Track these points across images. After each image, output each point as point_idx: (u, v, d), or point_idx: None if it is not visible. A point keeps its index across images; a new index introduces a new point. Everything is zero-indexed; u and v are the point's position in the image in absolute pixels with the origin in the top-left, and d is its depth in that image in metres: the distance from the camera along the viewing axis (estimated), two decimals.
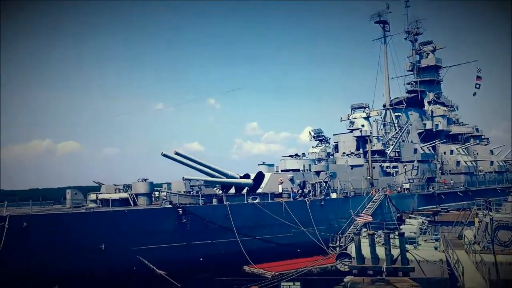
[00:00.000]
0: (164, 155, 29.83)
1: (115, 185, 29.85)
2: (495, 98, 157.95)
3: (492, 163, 60.80)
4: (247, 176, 34.71)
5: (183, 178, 29.95)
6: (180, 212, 26.09)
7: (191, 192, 29.31)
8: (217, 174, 32.99)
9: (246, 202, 30.17)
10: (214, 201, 29.27)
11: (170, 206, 26.42)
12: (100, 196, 28.31)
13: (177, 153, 30.52)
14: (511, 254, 22.35)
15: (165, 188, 30.95)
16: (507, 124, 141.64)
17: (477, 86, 62.78)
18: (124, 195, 28.24)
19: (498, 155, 66.69)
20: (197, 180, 30.55)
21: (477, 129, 65.36)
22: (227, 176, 33.46)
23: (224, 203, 28.70)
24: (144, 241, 24.44)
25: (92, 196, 28.93)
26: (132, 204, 27.57)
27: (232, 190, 33.58)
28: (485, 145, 65.30)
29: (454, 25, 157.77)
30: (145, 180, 28.73)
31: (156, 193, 31.17)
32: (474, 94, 63.14)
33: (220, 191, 31.82)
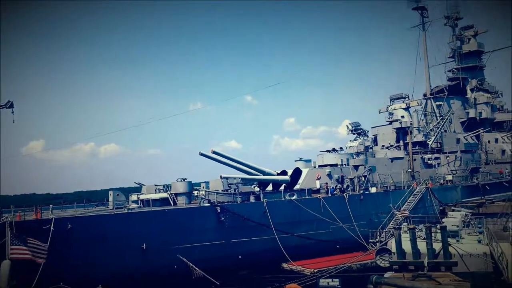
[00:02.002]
0: (202, 154, 30.30)
1: (156, 185, 30.71)
2: None
3: None
4: (284, 172, 34.76)
5: (220, 176, 30.38)
6: (218, 210, 26.50)
7: (229, 190, 29.73)
8: (254, 172, 33.19)
9: (283, 199, 30.29)
10: (252, 199, 29.56)
11: (209, 204, 26.91)
12: (141, 197, 29.23)
13: (214, 152, 30.91)
14: None
15: (203, 187, 31.49)
16: None
17: None
18: (164, 195, 29.02)
19: None
20: (234, 178, 30.92)
21: None
22: (264, 173, 33.64)
23: (262, 200, 28.91)
24: (183, 240, 25.01)
25: (134, 197, 29.92)
26: (172, 203, 28.29)
27: (270, 187, 33.71)
28: None
29: (496, 6, 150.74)
30: (184, 179, 29.39)
31: (195, 192, 31.77)
32: None
33: (258, 189, 32.01)
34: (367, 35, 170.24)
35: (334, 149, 42.98)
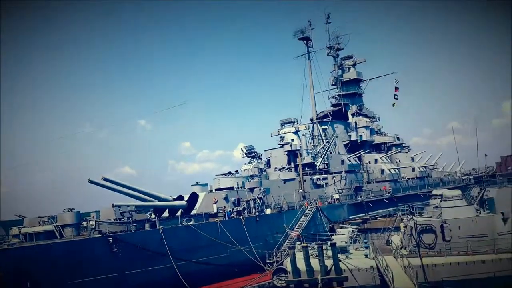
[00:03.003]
0: (92, 182, 28.51)
1: (39, 217, 28.19)
2: (413, 107, 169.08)
3: (413, 169, 64.60)
4: (180, 197, 34.18)
5: (112, 204, 28.86)
6: (111, 241, 25.05)
7: (122, 219, 28.35)
8: (149, 198, 32.12)
9: (180, 224, 29.67)
10: (147, 227, 28.46)
11: (100, 235, 25.31)
12: (23, 230, 26.53)
13: (105, 179, 29.27)
14: (436, 256, 23.92)
15: (93, 217, 29.67)
16: (426, 131, 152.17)
17: (396, 97, 66.86)
18: (49, 227, 26.68)
19: (419, 161, 71.18)
20: (128, 206, 29.59)
21: (398, 138, 69.37)
22: (159, 199, 32.72)
23: (158, 227, 28.01)
24: (72, 275, 23.16)
25: (15, 231, 27.03)
26: (58, 236, 26.10)
27: (166, 214, 32.88)
28: (406, 152, 69.41)
29: (373, 38, 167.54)
30: (71, 209, 27.36)
31: (84, 223, 29.79)
32: (393, 104, 67.06)
33: (153, 216, 31.00)
34: (261, 62, 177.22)
35: (230, 172, 43.52)
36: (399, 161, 64.41)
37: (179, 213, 32.21)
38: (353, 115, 64.79)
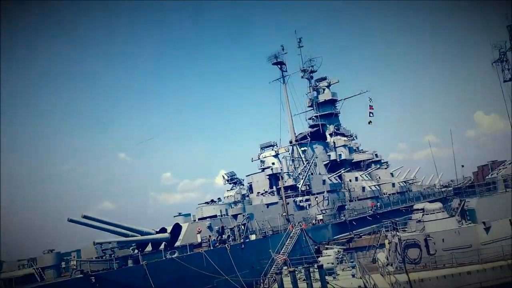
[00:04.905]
0: (71, 221, 27.87)
1: (19, 260, 27.27)
2: (388, 123, 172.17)
3: (393, 185, 65.22)
4: (163, 230, 33.62)
5: (93, 242, 28.19)
6: (93, 280, 24.32)
7: (104, 257, 27.70)
8: (130, 233, 31.50)
9: (164, 258, 29.11)
10: (130, 262, 27.83)
11: (81, 275, 24.58)
12: (2, 276, 25.57)
13: (85, 216, 28.66)
14: (422, 270, 23.96)
15: (74, 257, 28.81)
16: (402, 146, 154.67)
17: (371, 114, 67.91)
18: (29, 270, 25.81)
19: (398, 176, 71.92)
20: (110, 243, 28.98)
21: (376, 155, 70.27)
22: (141, 233, 32.11)
23: (141, 263, 27.40)
24: None
25: None
26: (38, 279, 25.22)
27: (149, 248, 32.27)
28: (385, 168, 70.19)
29: (346, 59, 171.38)
30: (51, 250, 26.61)
31: (63, 263, 28.94)
32: (369, 122, 68.07)
33: (136, 251, 30.36)
34: (238, 88, 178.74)
35: (212, 201, 43.20)
36: (379, 177, 65.08)
37: (162, 246, 31.64)
38: (331, 135, 65.48)
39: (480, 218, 25.09)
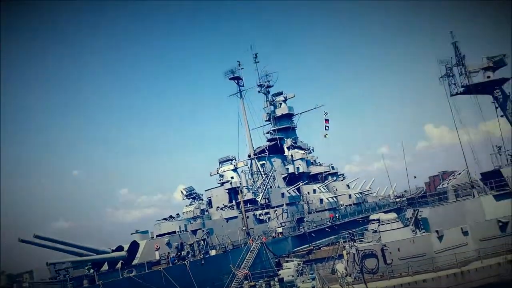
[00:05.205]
0: (23, 241, 26.72)
1: None
2: (343, 136, 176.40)
3: (350, 196, 66.61)
4: (120, 248, 32.77)
5: (46, 263, 27.10)
6: None
7: (58, 277, 26.67)
8: (86, 252, 30.50)
9: (121, 277, 28.31)
10: (85, 283, 26.96)
11: None
12: None
13: (37, 236, 27.56)
14: (380, 280, 24.52)
15: (26, 278, 27.55)
16: (357, 158, 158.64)
17: (327, 128, 69.52)
18: None
19: (354, 188, 73.51)
20: (64, 263, 27.97)
21: (332, 167, 71.64)
22: (97, 252, 31.15)
23: (97, 282, 26.57)
24: None
25: None
26: None
27: (106, 267, 31.29)
28: (342, 180, 71.55)
29: (301, 73, 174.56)
30: (2, 272, 25.45)
31: (15, 284, 27.56)
32: (326, 135, 69.62)
33: (92, 270, 29.37)
34: (196, 102, 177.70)
35: (171, 216, 42.54)
36: (336, 189, 66.30)
37: (119, 265, 30.80)
38: (288, 148, 66.30)
39: (433, 227, 25.99)
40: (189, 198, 51.08)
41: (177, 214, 45.34)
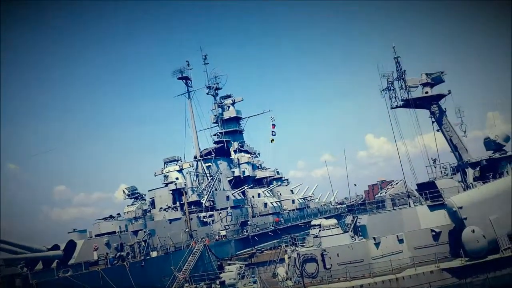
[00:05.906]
0: None
1: None
2: (288, 142, 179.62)
3: (293, 201, 67.84)
4: (56, 247, 31.44)
5: None
6: None
7: None
8: (19, 250, 29.00)
9: (56, 277, 27.23)
10: (18, 282, 25.69)
11: None
12: None
13: None
14: (319, 284, 25.21)
15: None
16: (301, 164, 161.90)
17: (273, 133, 70.58)
18: None
19: (297, 193, 74.99)
20: None
21: (277, 172, 72.71)
22: (31, 250, 29.70)
23: (31, 281, 25.40)
24: None
25: None
26: None
27: (40, 266, 29.92)
28: (286, 185, 72.75)
29: (250, 77, 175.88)
30: None
31: None
32: (272, 140, 70.65)
33: (25, 269, 28.00)
34: (141, 101, 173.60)
35: (111, 216, 41.37)
36: (280, 194, 67.29)
37: (55, 264, 29.57)
38: (235, 151, 66.57)
39: (371, 234, 27.10)
40: (131, 198, 49.87)
41: (118, 214, 44.20)
